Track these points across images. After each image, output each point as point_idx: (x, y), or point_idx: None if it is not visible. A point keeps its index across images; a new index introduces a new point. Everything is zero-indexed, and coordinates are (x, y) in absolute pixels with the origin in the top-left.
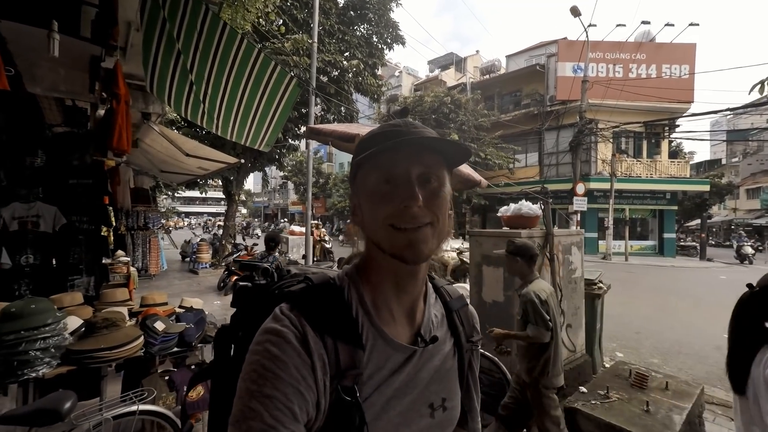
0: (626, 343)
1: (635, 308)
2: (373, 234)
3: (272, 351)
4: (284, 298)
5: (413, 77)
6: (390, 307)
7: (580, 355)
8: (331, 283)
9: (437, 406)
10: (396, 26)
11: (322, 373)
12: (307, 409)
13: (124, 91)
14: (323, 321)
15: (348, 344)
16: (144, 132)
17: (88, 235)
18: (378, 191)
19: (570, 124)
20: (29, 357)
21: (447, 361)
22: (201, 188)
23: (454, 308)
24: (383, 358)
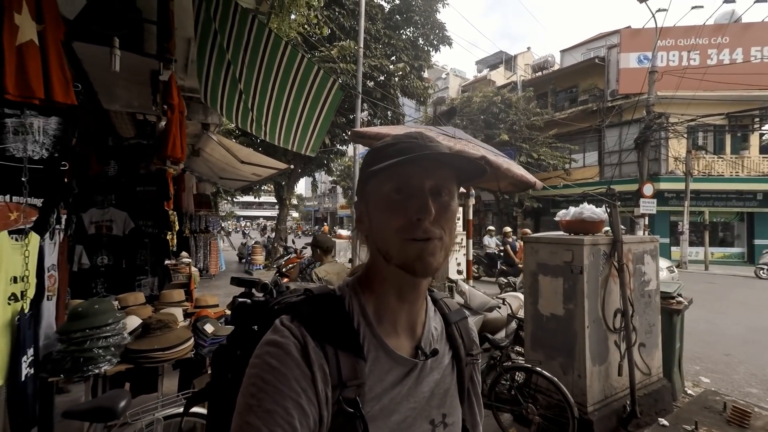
0: (713, 366)
1: (723, 326)
2: (381, 244)
3: (272, 363)
4: (284, 310)
5: (460, 78)
6: (392, 318)
7: (656, 379)
8: (332, 293)
9: (438, 422)
10: (442, 27)
11: (323, 384)
12: (308, 423)
13: (177, 100)
14: (324, 330)
15: (349, 354)
16: (204, 141)
17: (152, 239)
18: (391, 202)
19: (635, 119)
20: (93, 354)
21: (446, 376)
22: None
23: (453, 321)
24: (384, 371)
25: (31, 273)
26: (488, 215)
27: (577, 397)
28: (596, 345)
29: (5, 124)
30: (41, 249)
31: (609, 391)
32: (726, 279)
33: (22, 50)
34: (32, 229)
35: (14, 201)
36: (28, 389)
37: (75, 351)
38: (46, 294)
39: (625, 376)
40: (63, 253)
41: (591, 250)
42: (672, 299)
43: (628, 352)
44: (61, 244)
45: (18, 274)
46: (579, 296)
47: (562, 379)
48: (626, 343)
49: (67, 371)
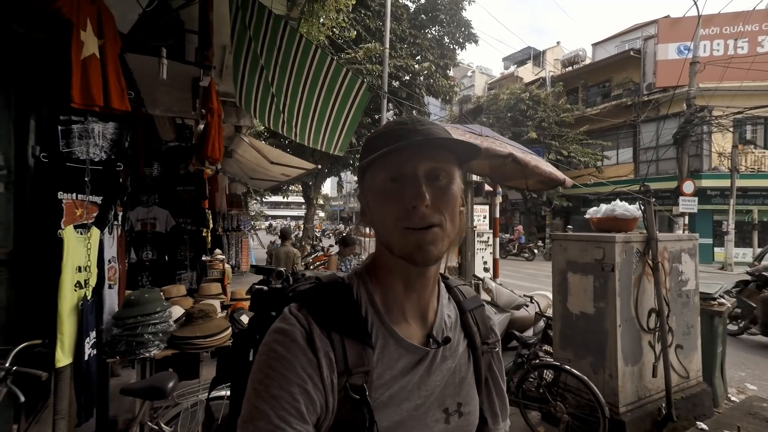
0: (761, 374)
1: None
2: (381, 235)
3: (278, 350)
4: (293, 298)
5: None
6: (401, 306)
7: (695, 383)
8: (340, 282)
9: (452, 411)
10: (468, 25)
11: (329, 370)
12: (315, 408)
13: (216, 105)
14: (330, 318)
15: (356, 341)
16: (236, 143)
17: (191, 235)
18: (385, 191)
19: (674, 113)
20: (144, 339)
21: (462, 365)
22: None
23: (468, 309)
24: (394, 359)
25: (93, 263)
26: (515, 214)
27: (609, 397)
28: (629, 345)
29: (72, 129)
30: (101, 242)
31: (643, 392)
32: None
33: (86, 63)
34: (93, 224)
35: (79, 198)
36: (91, 368)
37: (128, 335)
38: (107, 283)
39: (660, 378)
40: (121, 246)
41: (623, 248)
42: (713, 300)
43: (664, 353)
44: (119, 239)
45: (82, 264)
46: (610, 295)
47: (593, 378)
48: (661, 343)
49: (122, 353)
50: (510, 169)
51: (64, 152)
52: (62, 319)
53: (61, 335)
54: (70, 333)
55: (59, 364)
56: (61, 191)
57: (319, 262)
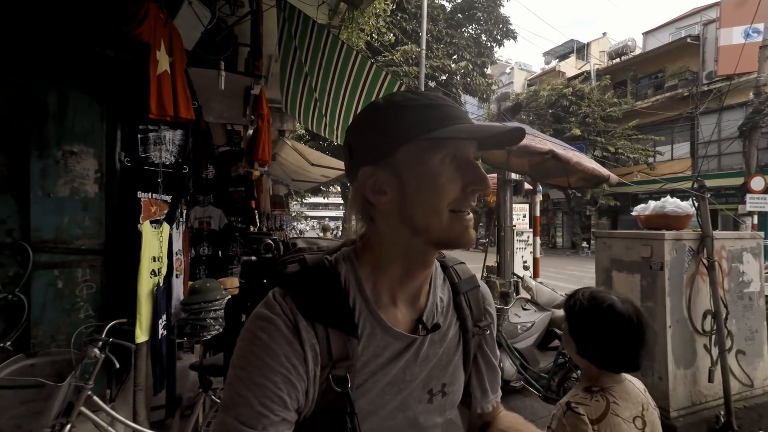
0: None
1: None
2: (420, 218)
3: (262, 338)
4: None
5: (526, 72)
6: (392, 292)
7: (761, 392)
8: (327, 266)
9: (436, 391)
10: (506, 21)
11: (314, 363)
12: (298, 396)
13: (266, 111)
14: (316, 308)
15: (342, 333)
16: (280, 146)
17: (241, 233)
18: (440, 172)
19: (739, 103)
20: (206, 323)
21: (450, 348)
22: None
23: (462, 291)
24: (381, 347)
25: (164, 255)
26: (557, 214)
27: (658, 401)
28: (680, 347)
29: (148, 137)
30: (170, 236)
31: (697, 398)
32: None
33: (160, 79)
34: (164, 220)
35: (154, 197)
36: (163, 347)
37: (193, 319)
38: (174, 273)
39: (717, 384)
40: (185, 240)
41: (673, 246)
42: None
43: (721, 357)
44: (184, 233)
45: (156, 254)
46: (659, 294)
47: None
48: (719, 347)
49: (188, 335)
50: (550, 166)
51: (142, 157)
52: (141, 301)
53: (140, 316)
54: (147, 314)
55: (138, 341)
56: (139, 191)
57: None
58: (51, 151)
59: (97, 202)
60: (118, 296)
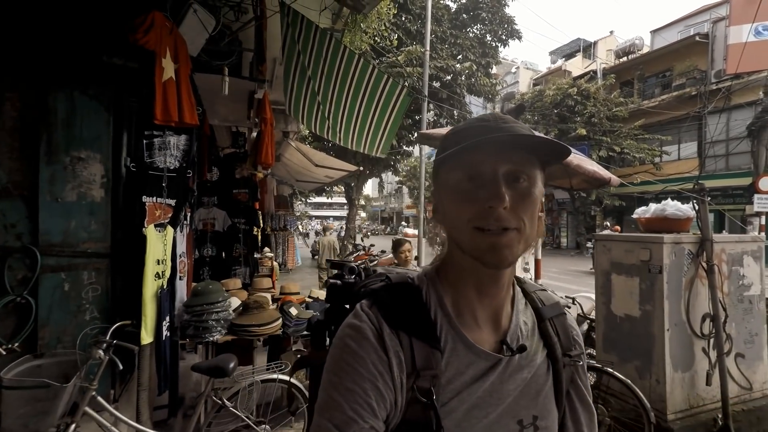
0: None
1: None
2: (454, 234)
3: (351, 346)
4: (365, 295)
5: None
6: (472, 310)
7: (760, 396)
8: (410, 282)
9: (527, 423)
10: (511, 21)
11: (399, 370)
12: (385, 405)
13: (270, 115)
14: (399, 318)
15: (425, 343)
16: (284, 148)
17: (245, 234)
18: (461, 190)
19: (748, 102)
20: (209, 325)
21: (539, 376)
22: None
23: (547, 316)
24: (464, 364)
25: (168, 258)
26: (562, 214)
27: (655, 404)
28: (679, 350)
29: (153, 142)
30: (174, 239)
31: (695, 401)
32: None
33: (165, 86)
34: (169, 224)
35: (158, 201)
36: (166, 348)
37: (196, 321)
38: (178, 275)
39: (715, 387)
40: (189, 243)
41: (672, 249)
42: None
43: (720, 360)
44: (188, 236)
45: (160, 257)
46: (658, 297)
47: (638, 383)
48: (717, 351)
49: (190, 336)
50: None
51: (147, 162)
52: (146, 303)
53: (145, 318)
54: (151, 316)
55: (143, 342)
56: (144, 195)
57: (360, 261)
58: (60, 157)
59: (103, 206)
60: (123, 298)
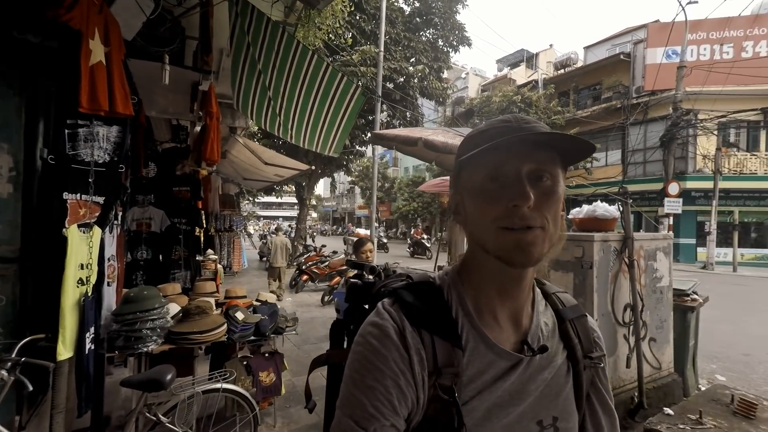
0: (731, 366)
1: (745, 326)
2: (477, 234)
3: (373, 344)
4: (387, 294)
5: (480, 78)
6: (493, 310)
7: (666, 374)
8: (431, 281)
9: (547, 424)
10: (462, 28)
11: (420, 367)
12: (406, 403)
13: (216, 109)
14: (421, 316)
15: (446, 341)
16: (231, 144)
17: (186, 235)
18: (485, 190)
19: (661, 116)
20: (142, 334)
21: (560, 377)
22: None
23: (568, 318)
24: (485, 363)
25: (94, 261)
26: None
27: None
28: (606, 338)
29: (78, 133)
30: (102, 241)
31: (617, 383)
32: (756, 281)
33: (93, 70)
34: (95, 224)
35: (83, 199)
36: (89, 362)
37: (127, 331)
38: (106, 281)
39: (633, 369)
40: (120, 245)
41: (601, 246)
42: (686, 296)
43: (637, 345)
44: (118, 238)
45: (84, 261)
46: (588, 291)
47: None
48: (635, 336)
49: (120, 348)
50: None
51: (70, 154)
52: (64, 314)
53: (63, 330)
54: (71, 328)
55: (60, 358)
56: (66, 192)
57: (311, 262)
58: None
59: (11, 203)
60: (36, 309)
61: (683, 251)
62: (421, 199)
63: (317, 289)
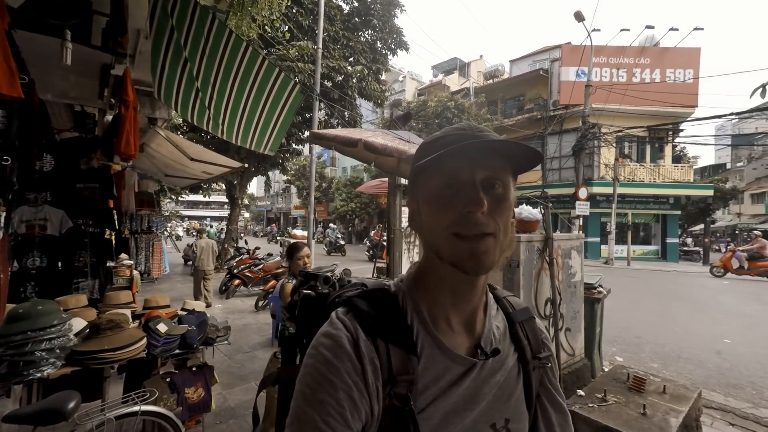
0: (627, 347)
1: (637, 313)
2: (432, 241)
3: (325, 355)
4: (341, 303)
5: (417, 82)
6: (447, 316)
7: (579, 359)
8: (386, 289)
9: (500, 426)
10: (400, 32)
11: (374, 377)
12: (360, 416)
13: (132, 97)
14: (376, 325)
15: (401, 349)
16: (150, 137)
17: (93, 239)
18: (439, 196)
19: (573, 128)
20: (35, 357)
21: (511, 379)
22: (205, 192)
23: (518, 320)
24: (440, 369)
25: None
26: None
27: None
28: None
29: None
30: None
31: None
32: (644, 273)
33: None
34: None
35: None
36: None
37: (12, 354)
38: None
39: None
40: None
41: (527, 247)
42: (594, 289)
43: (556, 336)
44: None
45: None
46: (515, 287)
47: None
48: (554, 327)
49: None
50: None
51: None
52: None
53: None
54: None
55: None
56: None
57: (244, 266)
58: None
59: None
60: None
61: (590, 249)
62: (359, 200)
63: (250, 293)
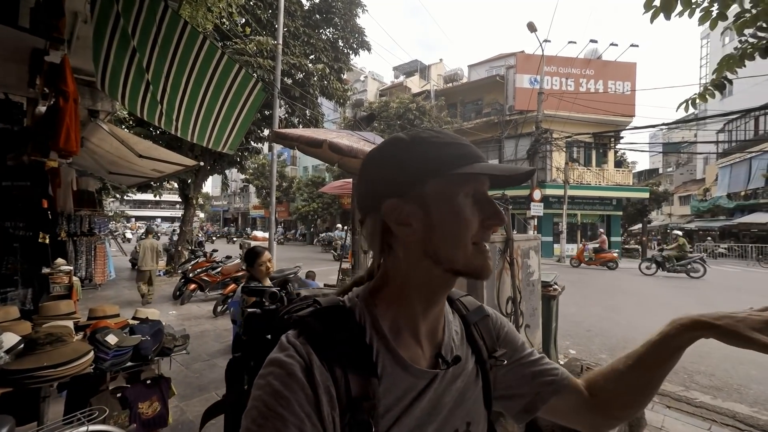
0: (578, 341)
1: (587, 308)
2: (444, 249)
3: (275, 385)
4: (292, 324)
5: (378, 82)
6: (413, 327)
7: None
8: (341, 305)
9: (462, 431)
10: (362, 32)
11: (330, 407)
12: None
13: (72, 88)
14: (332, 348)
15: (360, 373)
16: (91, 131)
17: (24, 243)
18: (465, 207)
19: (528, 133)
20: None
21: (470, 383)
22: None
23: (472, 321)
24: (402, 388)
25: None
26: None
27: None
28: None
29: None
30: None
31: None
32: (592, 270)
33: None
34: None
35: None
36: None
37: None
38: None
39: None
40: None
41: (490, 248)
42: (550, 287)
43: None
44: None
45: None
46: (479, 287)
47: None
48: (515, 324)
49: None
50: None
51: None
52: None
53: None
54: None
55: None
56: None
57: (200, 269)
58: None
59: None
60: None
61: (544, 248)
62: (321, 200)
63: (208, 298)
